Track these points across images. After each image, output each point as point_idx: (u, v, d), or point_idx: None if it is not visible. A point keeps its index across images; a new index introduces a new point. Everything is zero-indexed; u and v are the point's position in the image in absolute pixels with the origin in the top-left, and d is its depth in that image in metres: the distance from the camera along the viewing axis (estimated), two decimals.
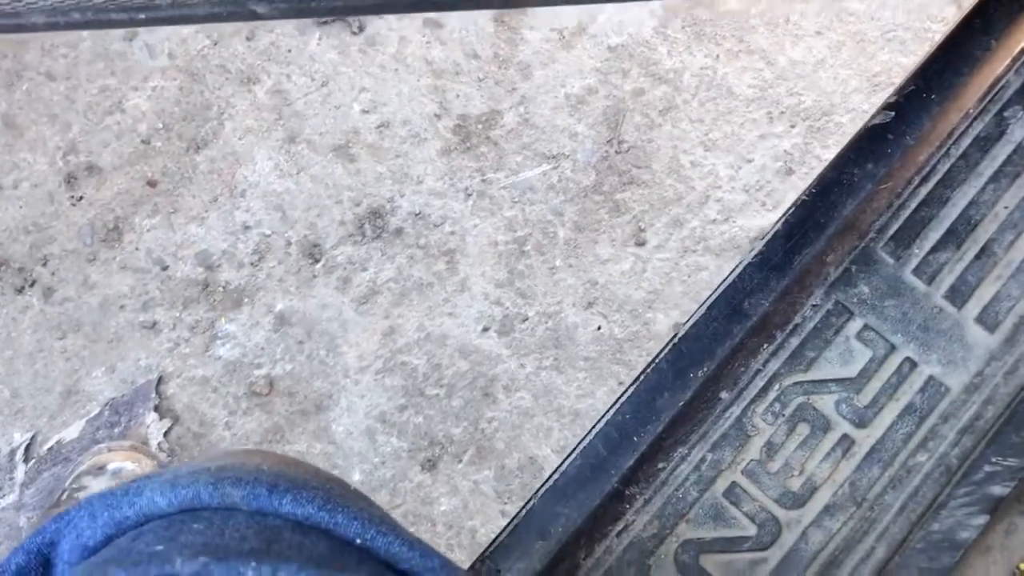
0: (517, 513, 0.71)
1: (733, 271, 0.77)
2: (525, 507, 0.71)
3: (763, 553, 0.69)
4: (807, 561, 0.68)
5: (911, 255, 0.76)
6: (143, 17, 0.59)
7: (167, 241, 1.35)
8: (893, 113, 0.81)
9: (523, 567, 0.69)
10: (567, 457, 0.72)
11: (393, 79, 1.45)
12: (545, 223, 1.39)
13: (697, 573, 0.68)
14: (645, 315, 1.35)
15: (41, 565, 0.43)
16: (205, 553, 0.36)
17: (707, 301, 0.76)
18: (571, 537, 0.70)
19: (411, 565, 0.42)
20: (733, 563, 0.68)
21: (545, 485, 0.72)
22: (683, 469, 0.71)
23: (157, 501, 0.42)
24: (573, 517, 0.70)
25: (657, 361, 0.75)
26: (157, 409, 1.28)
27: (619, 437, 0.72)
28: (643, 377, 0.74)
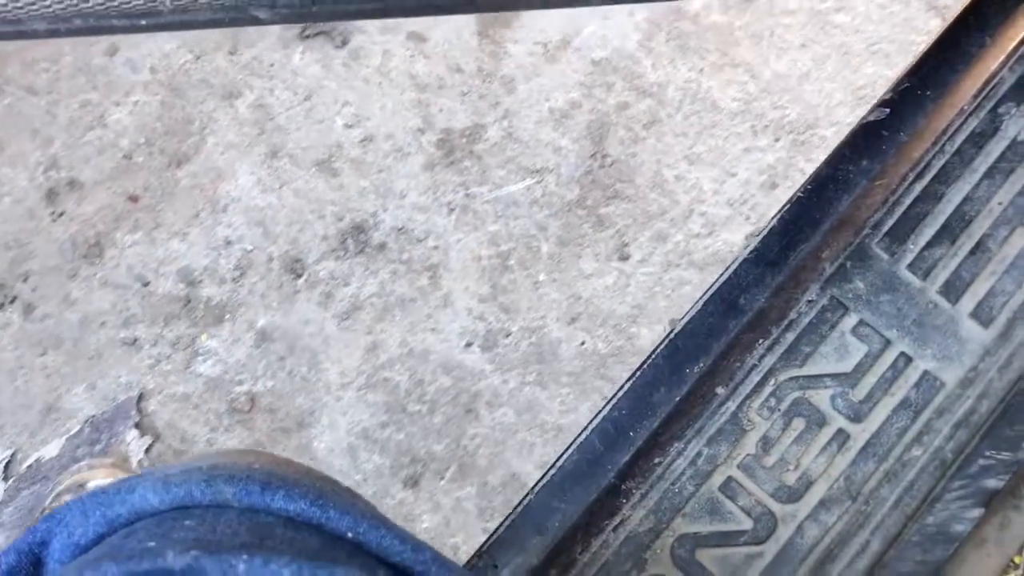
0: (514, 508, 0.71)
1: (729, 267, 0.77)
2: (522, 502, 0.71)
3: (759, 547, 0.69)
4: (803, 555, 0.68)
5: (906, 251, 0.76)
6: (145, 23, 0.59)
7: (148, 257, 1.35)
8: (888, 110, 0.81)
9: (520, 562, 0.69)
10: (564, 452, 0.73)
11: (376, 93, 1.44)
12: (529, 237, 1.38)
13: (693, 567, 0.68)
14: (629, 330, 1.35)
15: (32, 564, 0.43)
16: (197, 547, 0.36)
17: (703, 297, 0.77)
18: (568, 532, 0.70)
19: (403, 558, 0.42)
20: (729, 557, 0.69)
21: (542, 481, 0.72)
22: (679, 464, 0.71)
23: (149, 499, 0.42)
24: (570, 512, 0.70)
25: (653, 357, 0.75)
26: (138, 426, 1.27)
27: (615, 432, 0.72)
28: (639, 373, 0.75)
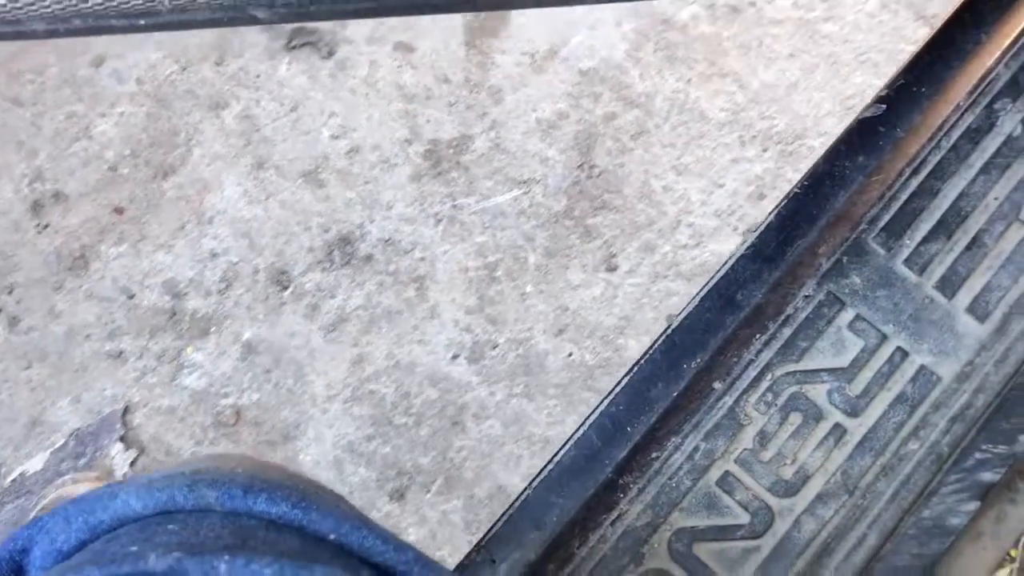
0: (512, 503, 0.72)
1: (726, 263, 0.78)
2: (520, 497, 0.71)
3: (756, 541, 0.69)
4: (800, 549, 0.68)
5: (902, 246, 0.77)
6: (143, 23, 0.59)
7: (134, 269, 1.34)
8: (884, 106, 0.82)
9: (518, 557, 0.69)
10: (562, 447, 0.73)
11: (363, 104, 1.44)
12: (516, 249, 1.38)
13: (691, 561, 0.69)
14: (616, 341, 1.34)
15: (13, 572, 0.43)
16: (179, 550, 0.37)
17: (700, 292, 0.77)
18: (565, 527, 0.70)
19: (385, 558, 0.43)
20: (726, 551, 0.69)
21: (540, 475, 0.72)
22: (676, 458, 0.72)
23: (132, 504, 0.42)
24: (567, 507, 0.71)
25: (651, 352, 0.76)
26: (123, 440, 1.27)
27: (613, 427, 0.73)
28: (637, 368, 0.75)
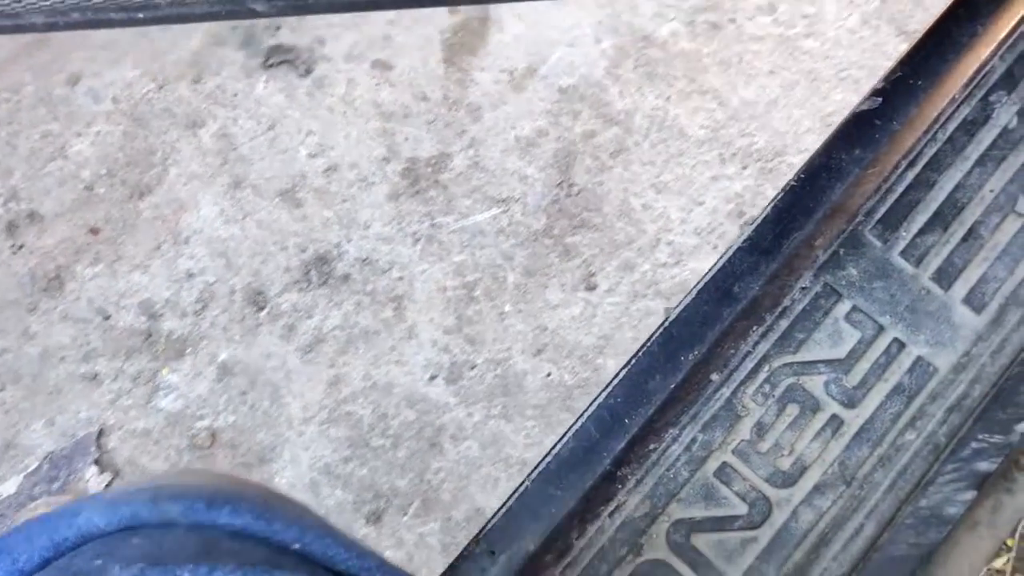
0: (511, 495, 0.72)
1: (723, 256, 0.79)
2: (519, 489, 0.72)
3: (754, 532, 0.70)
4: (797, 539, 0.69)
5: (899, 238, 0.77)
6: (142, 16, 0.59)
7: (109, 290, 1.34)
8: (880, 99, 0.82)
9: (516, 548, 0.70)
10: (560, 440, 0.73)
11: (341, 122, 1.43)
12: (495, 268, 1.37)
13: (689, 552, 0.69)
14: (595, 361, 1.34)
15: None
16: (143, 561, 0.37)
17: (698, 285, 0.78)
18: (564, 518, 0.71)
19: (348, 566, 0.43)
20: (724, 542, 0.69)
21: (538, 467, 0.73)
22: (674, 450, 0.72)
23: (96, 521, 0.42)
24: (566, 498, 0.71)
25: (648, 344, 0.76)
26: (97, 463, 1.26)
27: (611, 419, 0.73)
28: (634, 360, 0.76)
